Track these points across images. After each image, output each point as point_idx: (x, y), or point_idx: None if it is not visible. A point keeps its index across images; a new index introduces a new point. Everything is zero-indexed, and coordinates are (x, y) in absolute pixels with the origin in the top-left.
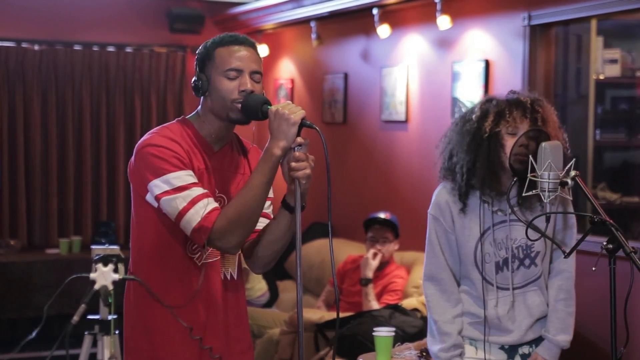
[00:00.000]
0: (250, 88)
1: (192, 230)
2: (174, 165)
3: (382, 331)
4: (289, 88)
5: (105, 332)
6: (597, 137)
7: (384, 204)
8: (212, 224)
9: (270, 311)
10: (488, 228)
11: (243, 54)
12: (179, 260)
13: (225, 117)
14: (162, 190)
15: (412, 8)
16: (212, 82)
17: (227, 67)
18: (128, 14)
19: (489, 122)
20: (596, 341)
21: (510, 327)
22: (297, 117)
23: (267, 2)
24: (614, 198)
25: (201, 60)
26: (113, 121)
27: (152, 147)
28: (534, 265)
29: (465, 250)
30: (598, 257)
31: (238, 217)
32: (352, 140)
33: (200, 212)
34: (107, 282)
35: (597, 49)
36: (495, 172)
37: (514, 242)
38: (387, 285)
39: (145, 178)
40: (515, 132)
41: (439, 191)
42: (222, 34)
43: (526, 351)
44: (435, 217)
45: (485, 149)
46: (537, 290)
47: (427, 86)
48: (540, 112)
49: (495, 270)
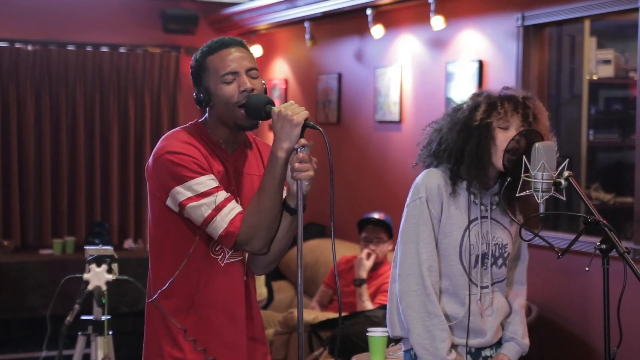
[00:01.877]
0: (250, 86)
1: (219, 236)
2: (195, 172)
3: (376, 331)
4: (283, 88)
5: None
6: (591, 138)
7: (377, 204)
8: (238, 229)
9: (264, 312)
10: (475, 218)
11: (234, 56)
12: (202, 261)
13: (233, 124)
14: (186, 197)
15: (406, 8)
16: (213, 91)
17: (222, 73)
18: (122, 15)
19: (480, 112)
20: (589, 341)
21: (483, 327)
22: (300, 117)
23: (261, 3)
24: (607, 198)
25: (196, 73)
26: (107, 121)
27: (170, 154)
28: (504, 266)
29: (450, 239)
30: (591, 257)
31: (259, 222)
32: (346, 141)
33: (226, 219)
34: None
35: (590, 49)
36: (482, 162)
37: (493, 239)
38: (381, 285)
39: (166, 185)
40: (506, 127)
41: (428, 175)
42: (209, 42)
43: (488, 354)
44: (426, 200)
45: (475, 138)
46: (499, 291)
47: (421, 86)
48: (532, 109)
49: (474, 263)
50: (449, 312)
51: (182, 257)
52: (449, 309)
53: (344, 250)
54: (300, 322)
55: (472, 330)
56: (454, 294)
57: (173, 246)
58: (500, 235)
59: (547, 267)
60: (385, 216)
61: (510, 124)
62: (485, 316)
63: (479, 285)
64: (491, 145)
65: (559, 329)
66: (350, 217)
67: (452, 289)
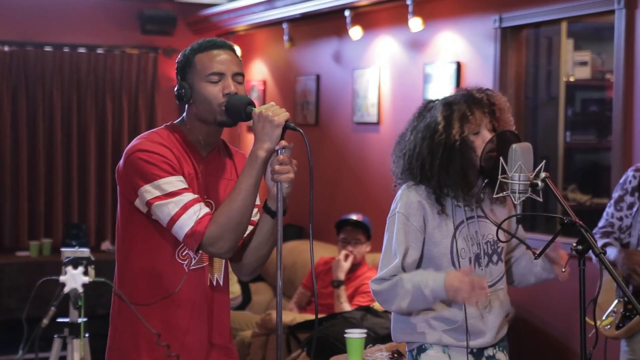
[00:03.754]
0: (234, 90)
1: (185, 235)
2: (165, 171)
3: (353, 333)
4: (261, 90)
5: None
6: (568, 139)
7: (356, 206)
8: (205, 229)
9: (243, 313)
10: (461, 222)
11: (223, 58)
12: (168, 266)
13: (213, 121)
14: (154, 195)
15: (384, 10)
16: (196, 88)
17: (208, 72)
18: (99, 15)
19: (455, 129)
20: (565, 342)
21: (483, 329)
22: (281, 119)
23: (239, 4)
24: (584, 199)
25: (182, 68)
26: (84, 123)
27: (141, 152)
28: (500, 262)
29: (441, 248)
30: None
31: (228, 222)
32: (324, 142)
33: (193, 218)
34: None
35: (567, 51)
36: (467, 178)
37: (483, 238)
38: (359, 286)
39: (135, 183)
40: (477, 131)
41: (407, 191)
42: (200, 40)
43: (491, 353)
44: (405, 216)
45: (457, 156)
46: (503, 288)
47: (399, 88)
48: (496, 104)
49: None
50: (447, 316)
51: (149, 261)
52: (448, 313)
53: (322, 252)
54: (279, 323)
55: (471, 332)
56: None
57: (141, 249)
58: (490, 232)
59: None
60: (363, 217)
61: (480, 127)
62: (485, 316)
63: None
64: (473, 155)
65: (536, 330)
66: (329, 218)
67: None
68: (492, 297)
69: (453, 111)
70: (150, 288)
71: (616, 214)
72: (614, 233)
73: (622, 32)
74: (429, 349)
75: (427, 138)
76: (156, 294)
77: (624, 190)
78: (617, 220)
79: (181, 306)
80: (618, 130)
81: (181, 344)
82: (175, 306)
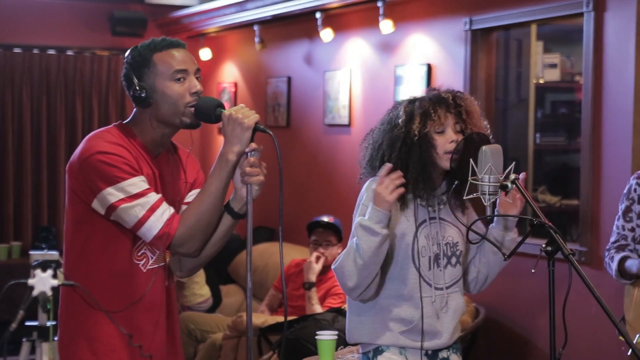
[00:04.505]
0: (200, 88)
1: (154, 237)
2: (127, 172)
3: (325, 334)
4: (232, 92)
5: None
6: (537, 141)
7: (327, 208)
8: (174, 230)
9: (213, 316)
10: (423, 221)
11: (184, 56)
12: (125, 267)
13: (179, 122)
14: (118, 198)
15: (355, 12)
16: (158, 89)
17: (173, 70)
18: (69, 17)
19: (416, 124)
20: (535, 342)
21: (439, 330)
22: (251, 121)
23: (210, 6)
24: (554, 201)
25: (138, 68)
26: (54, 125)
27: (100, 154)
28: (458, 265)
29: (402, 244)
30: (537, 259)
31: (197, 224)
32: (296, 144)
33: (161, 220)
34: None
35: (537, 53)
36: (427, 171)
37: (443, 239)
38: (330, 288)
39: (94, 186)
40: (442, 130)
41: (371, 184)
42: (150, 39)
43: (445, 355)
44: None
45: (416, 151)
46: (459, 291)
47: (370, 90)
48: (463, 105)
49: (428, 265)
50: (404, 316)
51: (105, 262)
52: (404, 313)
53: (293, 254)
54: (249, 326)
55: (427, 332)
56: (409, 298)
57: (97, 251)
58: (451, 235)
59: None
60: (334, 219)
61: (445, 126)
62: (441, 317)
63: (434, 287)
64: (432, 152)
65: (506, 331)
66: (300, 220)
67: (407, 293)
68: (449, 298)
69: (416, 107)
70: (107, 291)
71: (627, 225)
72: (628, 245)
73: (591, 34)
74: (386, 351)
75: (388, 131)
76: (114, 296)
77: (630, 200)
78: (629, 231)
79: (144, 308)
80: (587, 131)
81: (146, 345)
82: (137, 308)
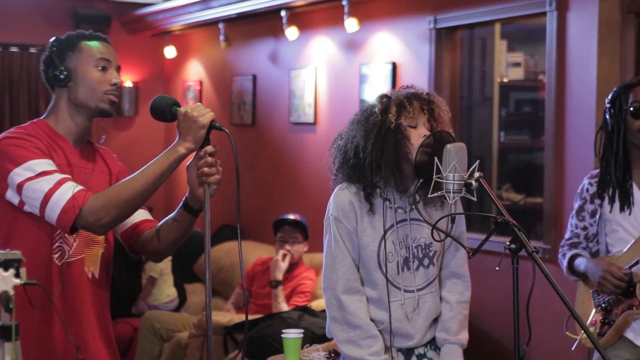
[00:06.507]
0: (121, 81)
1: (61, 210)
2: (35, 154)
3: (290, 333)
4: (197, 90)
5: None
6: (502, 139)
7: (293, 206)
8: (84, 202)
9: (179, 315)
10: (391, 226)
11: (109, 49)
12: (44, 262)
13: (95, 107)
14: (25, 177)
15: (320, 10)
16: (79, 72)
17: (97, 57)
18: (32, 14)
19: (392, 113)
20: (499, 339)
21: (410, 332)
22: (206, 119)
23: (175, 4)
24: (518, 199)
25: (62, 50)
26: (17, 123)
27: (9, 139)
28: (432, 265)
29: (368, 251)
30: (501, 257)
31: (116, 197)
32: (261, 142)
33: (69, 192)
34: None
35: (500, 52)
36: (401, 166)
37: (414, 241)
38: (296, 287)
39: (4, 170)
40: (415, 125)
41: (339, 193)
42: (79, 30)
43: (421, 352)
44: (338, 218)
45: (392, 140)
46: (434, 292)
47: (336, 88)
48: (435, 105)
49: (397, 270)
50: (374, 317)
51: (27, 258)
52: (375, 315)
53: (259, 252)
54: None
55: (398, 335)
56: (378, 301)
57: (17, 247)
58: (423, 236)
59: None
60: (300, 217)
61: (417, 122)
62: (412, 319)
63: (403, 290)
64: (407, 143)
65: (472, 328)
66: (266, 218)
67: (377, 297)
68: (421, 300)
69: (391, 98)
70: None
71: (579, 224)
72: (581, 243)
73: (554, 33)
74: None
75: (363, 123)
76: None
77: (582, 199)
78: (582, 230)
79: (58, 303)
80: (551, 130)
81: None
82: (57, 303)
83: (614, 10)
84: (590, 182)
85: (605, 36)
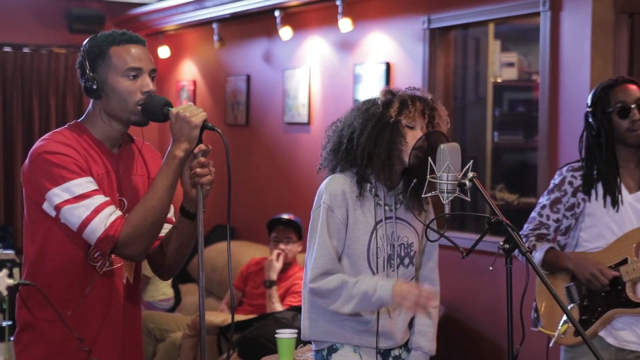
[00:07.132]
0: (153, 88)
1: (97, 239)
2: (73, 172)
3: (284, 333)
4: (191, 90)
5: None
6: (495, 139)
7: (286, 206)
8: (118, 233)
9: (173, 315)
10: (380, 220)
11: (141, 53)
12: (80, 269)
13: (126, 119)
14: (63, 199)
15: (314, 10)
16: (109, 83)
17: (127, 67)
18: (26, 14)
19: (394, 109)
20: (494, 340)
21: (393, 330)
22: (198, 119)
23: (169, 3)
24: (512, 199)
25: (93, 59)
26: (10, 123)
27: (48, 154)
28: (411, 265)
29: (357, 244)
30: (495, 257)
31: (143, 222)
32: (255, 143)
33: (105, 221)
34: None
35: (494, 52)
36: (392, 159)
37: (398, 240)
38: (290, 287)
39: (43, 187)
40: (412, 125)
41: (332, 182)
42: (110, 31)
43: (397, 353)
44: (330, 207)
45: (388, 134)
46: None
47: (329, 88)
48: (437, 112)
49: (383, 266)
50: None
51: (60, 265)
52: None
53: (253, 252)
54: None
55: (382, 334)
56: None
57: (51, 253)
58: (406, 235)
59: (453, 266)
60: (294, 217)
61: (416, 124)
62: (393, 318)
63: None
64: (402, 141)
65: (465, 328)
66: (260, 219)
67: None
68: None
69: (395, 95)
70: (61, 292)
71: (552, 216)
72: (549, 235)
73: (547, 33)
74: (340, 349)
75: (362, 111)
76: (67, 299)
77: (562, 191)
78: (554, 222)
79: (94, 309)
80: (544, 130)
81: (93, 345)
82: (88, 309)
83: (608, 11)
84: (573, 175)
85: (599, 36)
